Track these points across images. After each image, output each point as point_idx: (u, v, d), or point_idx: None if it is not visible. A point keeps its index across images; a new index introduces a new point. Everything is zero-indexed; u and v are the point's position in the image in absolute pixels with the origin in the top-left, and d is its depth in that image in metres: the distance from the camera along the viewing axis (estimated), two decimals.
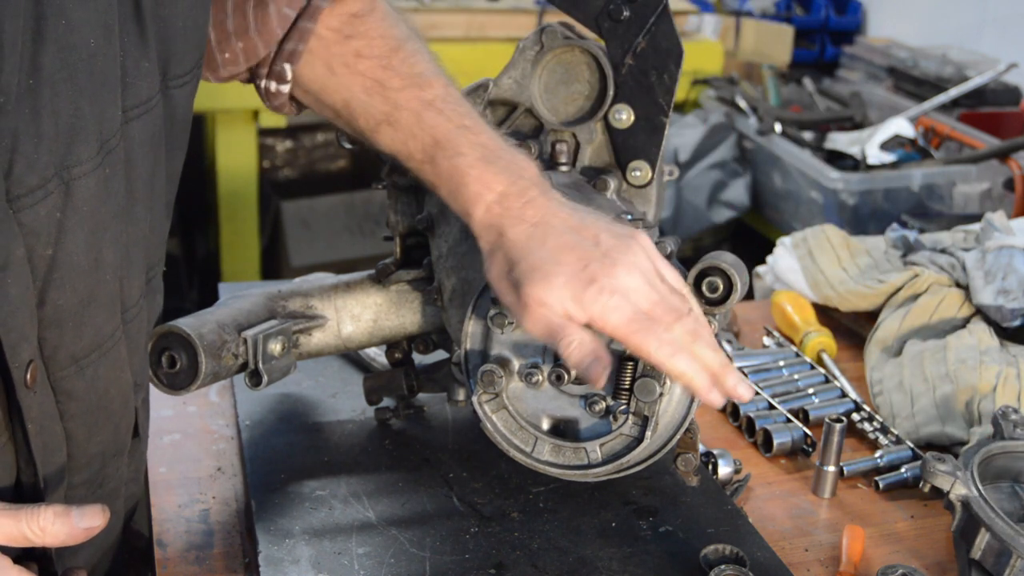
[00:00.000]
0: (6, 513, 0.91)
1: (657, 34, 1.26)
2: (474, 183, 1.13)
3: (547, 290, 1.07)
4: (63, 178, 0.90)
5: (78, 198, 0.92)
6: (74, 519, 0.92)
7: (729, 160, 3.93)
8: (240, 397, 1.50)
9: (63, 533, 0.92)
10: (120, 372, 1.06)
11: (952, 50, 4.12)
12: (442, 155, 1.15)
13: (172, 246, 3.94)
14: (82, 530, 0.93)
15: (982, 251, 1.80)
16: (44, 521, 0.91)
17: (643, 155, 1.30)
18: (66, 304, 0.95)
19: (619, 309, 1.06)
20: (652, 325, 1.06)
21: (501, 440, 1.24)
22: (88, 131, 0.91)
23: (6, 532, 0.90)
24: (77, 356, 0.99)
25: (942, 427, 1.54)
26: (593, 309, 1.06)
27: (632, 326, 1.06)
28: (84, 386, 1.00)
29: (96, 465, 1.08)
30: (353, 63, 1.21)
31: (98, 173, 0.93)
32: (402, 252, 1.39)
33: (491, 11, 3.99)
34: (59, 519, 0.92)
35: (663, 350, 1.06)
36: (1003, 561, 1.19)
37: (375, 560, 1.19)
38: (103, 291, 0.99)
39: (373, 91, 1.20)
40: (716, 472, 1.42)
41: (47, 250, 0.91)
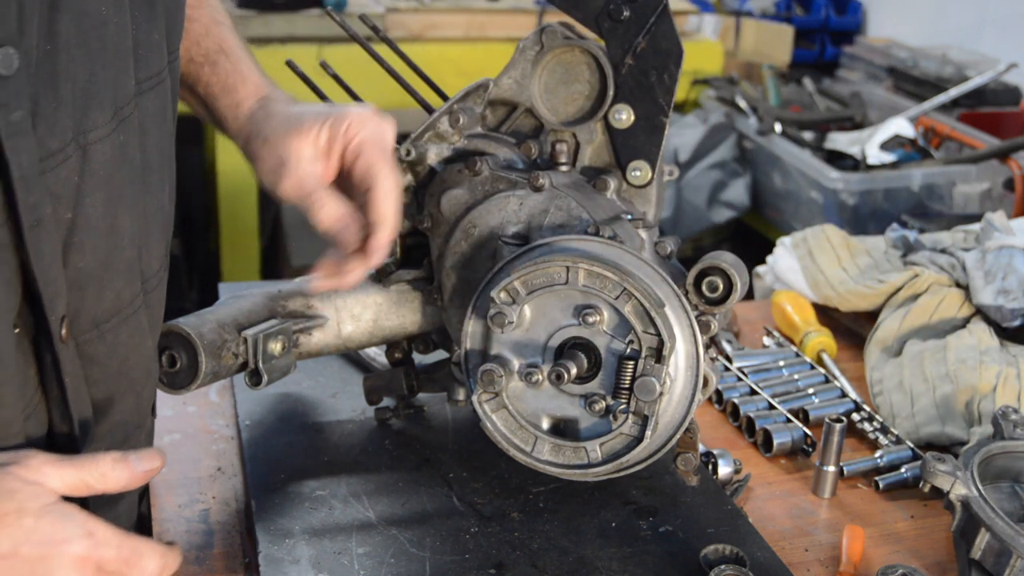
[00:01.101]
0: (67, 462, 0.91)
1: (657, 34, 1.26)
2: (252, 83, 1.26)
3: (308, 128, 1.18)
4: (80, 143, 0.92)
5: (95, 162, 0.94)
6: (133, 463, 0.93)
7: (729, 160, 3.93)
8: (240, 397, 1.50)
9: (124, 477, 0.93)
10: (141, 341, 1.08)
11: (952, 50, 4.13)
12: (226, 59, 1.27)
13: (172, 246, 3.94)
14: (142, 473, 0.94)
15: (982, 251, 1.80)
16: (104, 467, 0.92)
17: (643, 155, 1.30)
18: (86, 267, 0.96)
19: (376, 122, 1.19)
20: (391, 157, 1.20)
21: (501, 440, 1.24)
22: (103, 97, 0.94)
23: (68, 481, 0.91)
24: (98, 320, 1.00)
25: (942, 427, 1.54)
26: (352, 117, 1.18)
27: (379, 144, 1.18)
28: (105, 351, 1.02)
29: (119, 436, 1.09)
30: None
31: (113, 139, 0.96)
32: (402, 252, 1.39)
33: (491, 11, 3.99)
34: (118, 464, 0.93)
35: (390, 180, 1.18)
36: (1003, 561, 1.19)
37: (375, 560, 1.19)
38: (120, 257, 1.01)
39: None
40: (716, 472, 1.42)
41: (67, 213, 0.93)
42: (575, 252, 1.20)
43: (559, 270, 1.18)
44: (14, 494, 0.86)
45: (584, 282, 1.18)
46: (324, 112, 1.19)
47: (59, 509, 0.88)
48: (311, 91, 1.42)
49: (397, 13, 3.83)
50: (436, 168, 1.34)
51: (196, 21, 1.26)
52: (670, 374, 1.18)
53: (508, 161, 1.32)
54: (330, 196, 1.17)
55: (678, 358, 1.19)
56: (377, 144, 1.19)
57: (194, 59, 1.27)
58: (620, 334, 1.19)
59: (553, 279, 1.19)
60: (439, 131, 1.35)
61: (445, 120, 1.34)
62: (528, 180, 1.27)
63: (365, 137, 1.18)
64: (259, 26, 3.53)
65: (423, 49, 3.70)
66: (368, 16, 1.44)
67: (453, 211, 1.31)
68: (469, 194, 1.30)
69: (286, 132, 1.19)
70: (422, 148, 1.34)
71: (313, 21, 3.62)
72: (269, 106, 1.24)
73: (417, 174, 1.36)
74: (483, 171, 1.29)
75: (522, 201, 1.27)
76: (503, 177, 1.29)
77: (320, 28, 3.62)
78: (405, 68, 1.44)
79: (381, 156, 1.18)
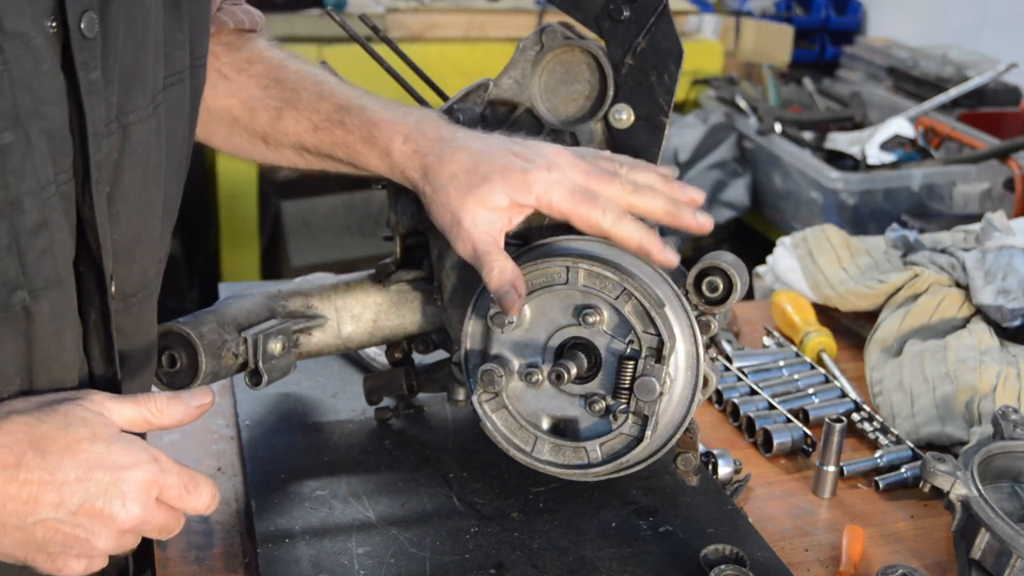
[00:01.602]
0: (127, 399, 0.97)
1: (657, 34, 1.26)
2: (386, 124, 1.21)
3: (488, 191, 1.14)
4: (122, 122, 0.98)
5: (133, 141, 1.00)
6: (187, 399, 0.99)
7: (729, 160, 3.93)
8: (240, 397, 1.50)
9: (180, 412, 0.99)
10: (154, 319, 1.15)
11: (952, 50, 4.13)
12: (349, 116, 1.24)
13: (172, 246, 3.94)
14: (195, 408, 0.99)
15: (982, 251, 1.80)
16: (161, 403, 0.97)
17: (643, 155, 1.30)
18: (121, 239, 1.02)
19: (561, 184, 1.14)
20: (593, 196, 1.14)
21: (501, 439, 1.24)
22: (145, 81, 1.00)
23: (128, 416, 0.96)
24: (127, 292, 1.06)
25: (942, 427, 1.54)
26: (537, 188, 1.13)
27: (576, 198, 1.13)
28: (131, 324, 1.08)
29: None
30: (246, 67, 1.31)
31: (149, 123, 1.02)
32: (402, 252, 1.39)
33: (491, 11, 3.99)
34: (173, 401, 0.98)
35: (607, 218, 1.13)
36: (1003, 561, 1.19)
37: (375, 560, 1.19)
38: (149, 234, 1.08)
39: (270, 87, 1.29)
40: (716, 472, 1.42)
41: (107, 187, 0.98)
42: (575, 252, 1.20)
43: (559, 270, 1.18)
44: (87, 422, 0.92)
45: (584, 282, 1.18)
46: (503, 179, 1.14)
47: (127, 437, 0.94)
48: None
49: (397, 13, 3.83)
50: None
51: (303, 91, 1.27)
52: (670, 374, 1.18)
53: None
54: (501, 260, 1.14)
55: (678, 358, 1.19)
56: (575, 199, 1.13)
57: (319, 126, 1.25)
58: (620, 334, 1.19)
59: (553, 279, 1.19)
60: None
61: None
62: None
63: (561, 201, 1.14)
64: None
65: (423, 49, 3.70)
66: (368, 16, 1.44)
67: None
68: None
69: (461, 194, 1.15)
70: None
71: (313, 21, 3.62)
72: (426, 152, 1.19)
73: None
74: None
75: None
76: None
77: (320, 28, 3.62)
78: (405, 68, 1.44)
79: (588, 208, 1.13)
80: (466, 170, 1.16)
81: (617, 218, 1.14)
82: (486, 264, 1.14)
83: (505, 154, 1.16)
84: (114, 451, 0.91)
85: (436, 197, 1.17)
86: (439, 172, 1.17)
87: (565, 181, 1.14)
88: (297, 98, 1.26)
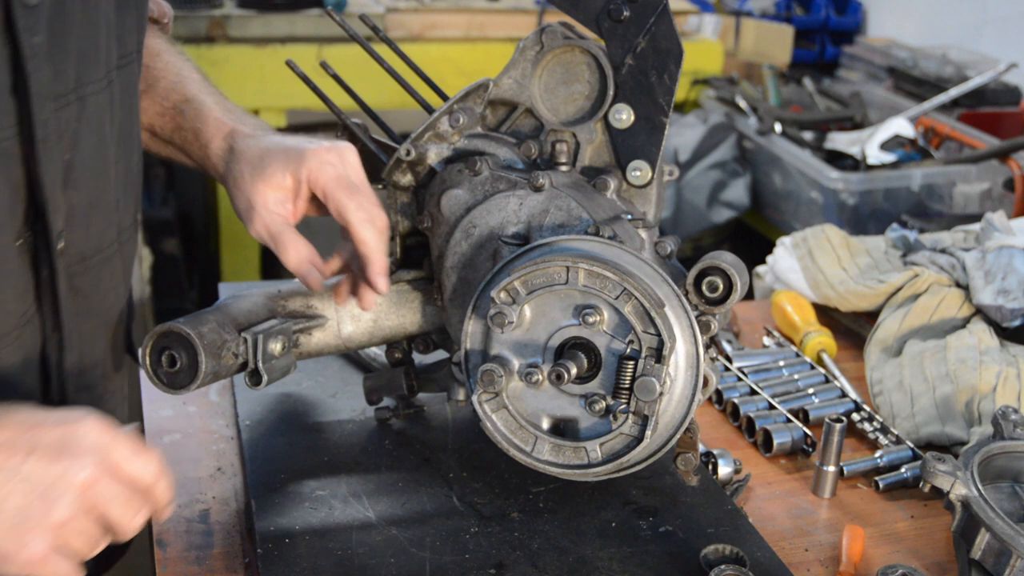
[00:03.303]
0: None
1: (657, 34, 1.26)
2: (213, 122, 1.32)
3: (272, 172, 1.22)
4: (79, 93, 1.08)
5: (90, 110, 1.10)
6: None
7: (729, 160, 3.93)
8: (240, 397, 1.50)
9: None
10: (117, 283, 1.24)
11: (952, 50, 4.12)
12: (189, 107, 1.34)
13: (172, 246, 3.95)
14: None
15: (982, 251, 1.80)
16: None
17: (643, 155, 1.30)
18: (78, 204, 1.11)
19: (333, 166, 1.21)
20: (356, 190, 1.22)
21: (501, 439, 1.24)
22: (99, 56, 1.10)
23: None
24: (85, 255, 1.15)
25: (942, 427, 1.54)
26: (310, 163, 1.21)
27: (340, 182, 1.21)
28: (89, 285, 1.17)
29: (97, 372, 1.22)
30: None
31: (105, 95, 1.12)
32: (402, 252, 1.39)
33: (491, 11, 3.99)
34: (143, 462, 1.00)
35: (359, 213, 1.21)
36: (1003, 561, 1.19)
37: (375, 560, 1.19)
38: (105, 200, 1.17)
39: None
40: (716, 472, 1.42)
41: (66, 154, 1.07)
42: (575, 252, 1.20)
43: (559, 270, 1.18)
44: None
45: (584, 282, 1.18)
46: (285, 156, 1.23)
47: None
48: (311, 91, 1.42)
49: (397, 13, 3.83)
50: (436, 168, 1.35)
51: (162, 80, 1.37)
52: (670, 374, 1.18)
53: (508, 161, 1.32)
54: (294, 239, 1.23)
55: (678, 358, 1.19)
56: (340, 183, 1.21)
57: (164, 113, 1.36)
58: (620, 334, 1.19)
59: (553, 279, 1.19)
60: (439, 131, 1.35)
61: (445, 120, 1.34)
62: (528, 180, 1.27)
63: (327, 180, 1.21)
64: (259, 26, 3.53)
65: (423, 49, 3.70)
66: (368, 16, 1.44)
67: (453, 211, 1.31)
68: (469, 194, 1.30)
69: (252, 177, 1.23)
70: (422, 148, 1.34)
71: (313, 21, 3.61)
72: (236, 144, 1.28)
73: (417, 174, 1.36)
74: (483, 171, 1.29)
75: (522, 201, 1.27)
76: (503, 177, 1.29)
77: (320, 28, 3.61)
78: (405, 68, 1.44)
79: (347, 194, 1.21)
80: (259, 156, 1.24)
81: (367, 218, 1.21)
82: (280, 245, 1.23)
83: (296, 141, 1.25)
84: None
85: (235, 186, 1.26)
86: (238, 161, 1.26)
87: (338, 165, 1.22)
88: (156, 85, 1.35)
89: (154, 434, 1.48)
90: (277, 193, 1.23)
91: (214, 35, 3.48)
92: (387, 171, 1.36)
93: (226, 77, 3.42)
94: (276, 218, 1.23)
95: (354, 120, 1.39)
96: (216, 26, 3.48)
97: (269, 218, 1.23)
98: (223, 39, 3.49)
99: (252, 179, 1.23)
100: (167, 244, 3.85)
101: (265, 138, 1.28)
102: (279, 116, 3.59)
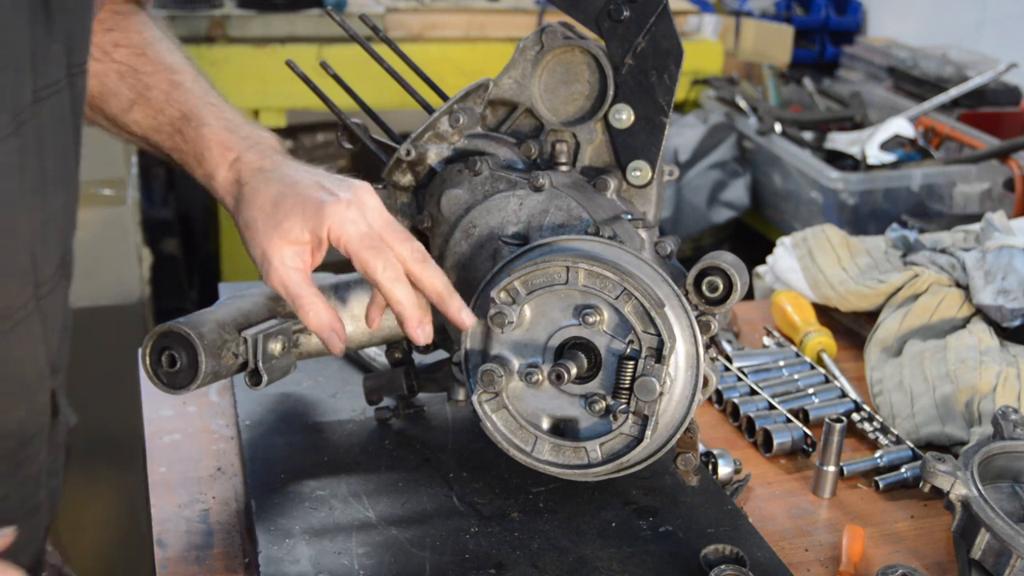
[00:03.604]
0: None
1: (657, 34, 1.26)
2: (217, 147, 1.22)
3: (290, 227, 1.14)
4: None
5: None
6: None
7: (729, 160, 3.93)
8: (240, 397, 1.50)
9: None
10: (34, 347, 1.10)
11: (952, 50, 4.12)
12: (188, 126, 1.24)
13: (172, 246, 3.95)
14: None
15: (982, 251, 1.80)
16: None
17: (643, 155, 1.30)
18: None
19: (355, 223, 1.13)
20: (382, 246, 1.14)
21: (501, 440, 1.24)
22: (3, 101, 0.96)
23: None
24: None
25: (942, 427, 1.54)
26: (331, 221, 1.13)
27: (364, 242, 1.13)
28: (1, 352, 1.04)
29: (13, 443, 1.11)
30: (111, 51, 1.28)
31: (11, 143, 0.97)
32: None
33: (491, 11, 3.99)
34: None
35: (387, 273, 1.14)
36: (1003, 561, 1.19)
37: (375, 560, 1.19)
38: (14, 261, 1.03)
39: (126, 75, 1.27)
40: (716, 472, 1.42)
41: None
42: (575, 252, 1.20)
43: (559, 270, 1.18)
44: None
45: (584, 282, 1.18)
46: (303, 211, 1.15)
47: None
48: (311, 91, 1.42)
49: (397, 13, 3.83)
50: (436, 168, 1.35)
51: (154, 88, 1.26)
52: (670, 374, 1.18)
53: (508, 161, 1.32)
54: (315, 302, 1.17)
55: (678, 358, 1.19)
56: (364, 243, 1.14)
57: (161, 129, 1.26)
58: (620, 334, 1.19)
59: (553, 279, 1.19)
60: (439, 131, 1.35)
61: (445, 120, 1.34)
62: (528, 180, 1.27)
63: (349, 240, 1.14)
64: (259, 26, 3.53)
65: (423, 49, 3.70)
66: (368, 16, 1.44)
67: (453, 211, 1.31)
68: (469, 194, 1.30)
69: (266, 227, 1.16)
70: (422, 148, 1.34)
71: (313, 21, 3.62)
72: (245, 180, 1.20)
73: (417, 174, 1.36)
74: (483, 171, 1.29)
75: (522, 201, 1.27)
76: (503, 177, 1.29)
77: (320, 28, 3.61)
78: (405, 68, 1.44)
79: (373, 254, 1.14)
80: (272, 203, 1.16)
81: (395, 277, 1.15)
82: (300, 308, 1.16)
83: (311, 187, 1.16)
84: None
85: (247, 231, 1.18)
86: (250, 205, 1.18)
87: (360, 222, 1.14)
88: (148, 94, 1.26)
89: (154, 434, 1.48)
90: (294, 247, 1.15)
91: (214, 35, 3.48)
92: (387, 171, 1.36)
93: (226, 77, 3.42)
94: (294, 275, 1.16)
95: (354, 120, 1.39)
96: (216, 26, 3.48)
97: (287, 275, 1.16)
98: (223, 39, 3.49)
99: (266, 230, 1.15)
100: (167, 244, 3.85)
101: (276, 176, 1.19)
102: (279, 116, 3.59)
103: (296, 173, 1.19)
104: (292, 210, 1.15)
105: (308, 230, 1.14)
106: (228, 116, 1.25)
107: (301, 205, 1.15)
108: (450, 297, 1.18)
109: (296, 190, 1.16)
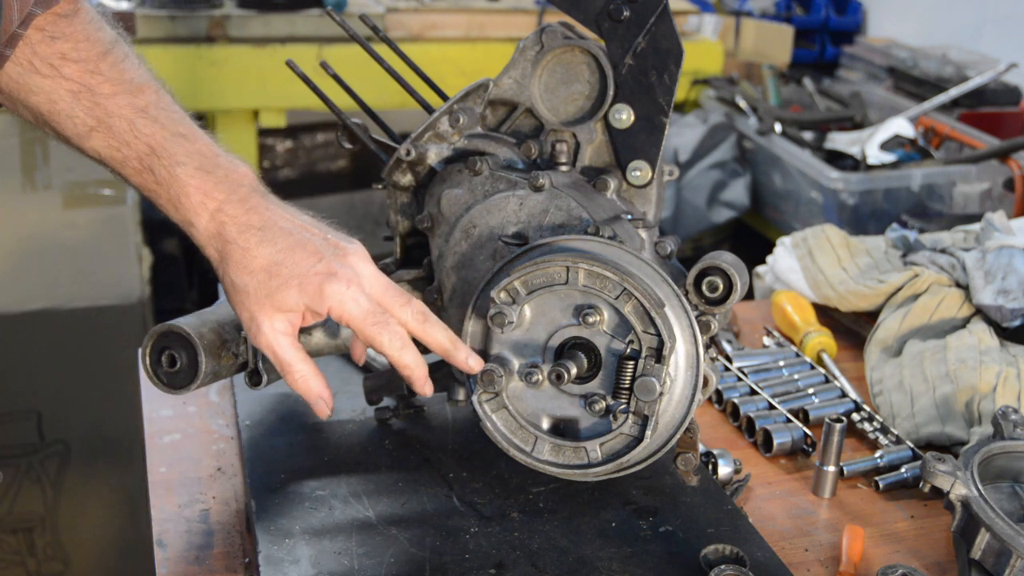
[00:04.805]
0: None
1: (657, 34, 1.26)
2: (195, 193, 1.14)
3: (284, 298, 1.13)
4: None
5: None
6: None
7: (729, 160, 3.93)
8: (240, 397, 1.50)
9: None
10: None
11: (952, 50, 4.12)
12: (159, 164, 1.15)
13: (172, 246, 3.95)
14: None
15: (982, 251, 1.80)
16: None
17: (643, 155, 1.30)
18: None
19: (356, 301, 1.13)
20: (386, 319, 1.15)
21: (501, 439, 1.24)
22: None
23: None
24: None
25: (942, 427, 1.54)
26: (331, 301, 1.13)
27: (368, 319, 1.14)
28: None
29: None
30: (59, 66, 1.16)
31: None
32: (402, 252, 1.39)
33: (491, 11, 3.99)
34: None
35: (394, 343, 1.16)
36: (1003, 561, 1.19)
37: (375, 560, 1.19)
38: None
39: (81, 96, 1.16)
40: (716, 472, 1.42)
41: None
42: (575, 252, 1.20)
43: (559, 270, 1.18)
44: None
45: (584, 282, 1.18)
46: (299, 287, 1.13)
47: None
48: (311, 91, 1.43)
49: (397, 13, 3.83)
50: (436, 168, 1.35)
51: (116, 116, 1.15)
52: (670, 374, 1.18)
53: (508, 161, 1.33)
54: (304, 372, 1.18)
55: (678, 358, 1.19)
56: (367, 320, 1.14)
57: (127, 164, 1.17)
58: (620, 334, 1.19)
59: (553, 279, 1.19)
60: (439, 131, 1.35)
61: (445, 120, 1.34)
62: (528, 180, 1.27)
63: (351, 318, 1.14)
64: (259, 26, 3.53)
65: (423, 49, 3.70)
66: (368, 16, 1.44)
67: (453, 211, 1.31)
68: (469, 194, 1.30)
69: (258, 294, 1.14)
70: (422, 148, 1.34)
71: (313, 21, 3.61)
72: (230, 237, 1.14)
73: (417, 174, 1.36)
74: (483, 171, 1.29)
75: (522, 201, 1.27)
76: (503, 177, 1.29)
77: (320, 28, 3.61)
78: (405, 68, 1.44)
79: (377, 330, 1.15)
80: (266, 271, 1.13)
81: (402, 346, 1.17)
82: (288, 373, 1.17)
83: (308, 257, 1.14)
84: None
85: (236, 293, 1.16)
86: (240, 268, 1.14)
87: (361, 298, 1.14)
88: (110, 122, 1.15)
89: (154, 434, 1.48)
90: (287, 315, 1.15)
91: (214, 35, 3.48)
92: (387, 171, 1.36)
93: (226, 77, 3.42)
94: (283, 340, 1.15)
95: (354, 120, 1.39)
96: (216, 26, 3.48)
97: (275, 340, 1.15)
98: (223, 39, 3.49)
99: (259, 297, 1.13)
100: (167, 244, 3.84)
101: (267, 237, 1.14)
102: (279, 116, 3.59)
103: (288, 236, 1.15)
104: (288, 283, 1.13)
105: (304, 304, 1.14)
106: (201, 149, 1.16)
107: (298, 279, 1.13)
108: (456, 350, 1.21)
109: (293, 261, 1.13)
